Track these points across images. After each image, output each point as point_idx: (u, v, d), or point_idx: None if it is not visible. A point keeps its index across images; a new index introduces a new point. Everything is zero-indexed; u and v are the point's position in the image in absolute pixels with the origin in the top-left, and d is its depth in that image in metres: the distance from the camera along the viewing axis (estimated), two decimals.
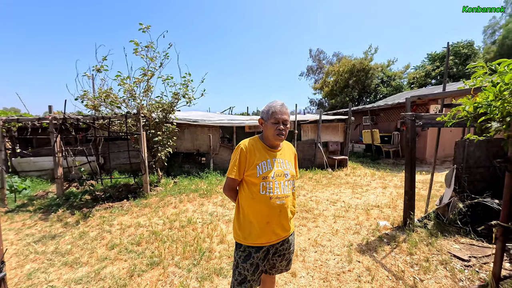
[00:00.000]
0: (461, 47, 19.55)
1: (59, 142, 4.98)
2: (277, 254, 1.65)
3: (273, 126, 1.52)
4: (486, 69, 1.37)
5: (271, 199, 1.49)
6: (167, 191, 5.55)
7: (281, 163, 1.58)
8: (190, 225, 3.79)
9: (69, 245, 3.28)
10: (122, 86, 4.81)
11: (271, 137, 1.55)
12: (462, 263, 2.75)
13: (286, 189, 1.55)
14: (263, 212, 1.50)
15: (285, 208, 1.55)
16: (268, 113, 1.55)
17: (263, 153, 1.56)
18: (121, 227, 3.78)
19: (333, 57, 29.69)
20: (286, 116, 1.54)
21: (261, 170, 1.50)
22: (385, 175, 7.17)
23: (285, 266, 1.73)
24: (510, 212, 1.51)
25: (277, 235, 1.57)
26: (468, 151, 3.58)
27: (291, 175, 1.60)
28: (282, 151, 1.65)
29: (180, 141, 7.27)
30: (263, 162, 1.52)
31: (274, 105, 1.55)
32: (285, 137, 1.58)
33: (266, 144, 1.60)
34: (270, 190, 1.49)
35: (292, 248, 1.72)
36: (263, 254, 1.55)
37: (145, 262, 2.80)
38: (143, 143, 5.00)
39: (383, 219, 3.90)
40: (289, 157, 1.69)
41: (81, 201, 4.97)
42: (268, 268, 1.70)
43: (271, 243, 1.56)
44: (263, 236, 1.52)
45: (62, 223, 4.00)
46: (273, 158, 1.57)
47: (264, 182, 1.49)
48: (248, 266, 1.53)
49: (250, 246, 1.53)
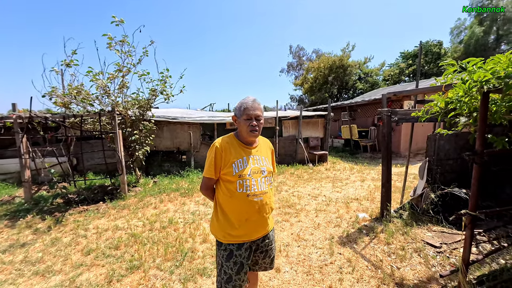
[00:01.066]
0: (432, 46, 20.67)
1: (26, 142, 4.62)
2: (259, 251, 1.66)
3: (246, 122, 1.51)
4: (456, 67, 1.44)
5: (248, 196, 1.49)
6: (146, 191, 5.36)
7: (258, 160, 1.58)
8: (172, 226, 3.70)
9: (40, 252, 3.07)
10: (95, 82, 4.53)
11: (245, 134, 1.54)
12: (435, 249, 2.93)
13: (264, 185, 1.55)
14: (241, 209, 1.50)
15: (264, 205, 1.55)
16: (240, 109, 1.53)
17: (238, 150, 1.55)
18: (98, 231, 3.60)
19: (313, 53, 30.20)
20: (259, 112, 1.53)
21: (237, 168, 1.49)
22: (363, 168, 7.45)
23: (269, 264, 1.73)
24: (477, 201, 1.61)
25: (257, 231, 1.58)
26: (439, 144, 3.79)
27: (268, 172, 1.60)
28: (258, 147, 1.64)
29: (159, 139, 7.04)
30: (239, 160, 1.51)
31: (246, 101, 1.54)
32: (259, 132, 1.57)
33: (241, 141, 1.59)
34: (247, 188, 1.49)
35: (273, 245, 1.73)
36: (246, 252, 1.54)
37: (124, 267, 2.69)
38: (119, 142, 4.77)
39: (362, 212, 4.05)
40: (266, 153, 1.68)
41: (53, 205, 4.67)
42: (251, 264, 1.69)
43: (252, 240, 1.56)
44: (243, 233, 1.52)
45: (32, 230, 3.74)
46: (249, 155, 1.56)
47: (240, 180, 1.48)
48: (231, 265, 1.51)
49: (231, 244, 1.52)
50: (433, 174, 3.71)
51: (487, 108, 1.56)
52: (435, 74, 19.14)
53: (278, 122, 8.00)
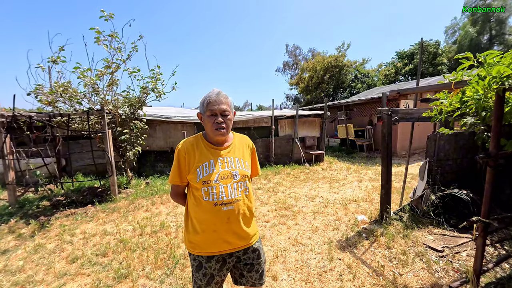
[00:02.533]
0: (428, 46, 20.77)
1: (9, 142, 4.39)
2: (242, 263, 1.46)
3: (210, 119, 1.32)
4: (472, 60, 1.32)
5: (215, 205, 1.31)
6: (138, 193, 5.17)
7: (229, 163, 1.38)
8: (163, 230, 3.53)
9: (21, 261, 2.88)
10: (82, 79, 4.32)
11: (211, 133, 1.36)
12: (437, 254, 2.83)
13: (235, 192, 1.35)
14: (208, 220, 1.33)
15: (235, 214, 1.35)
16: (203, 104, 1.34)
17: (204, 152, 1.37)
18: (85, 236, 3.41)
19: (309, 53, 30.15)
20: (225, 106, 1.33)
21: (202, 173, 1.32)
22: (360, 168, 7.36)
23: (257, 279, 1.50)
24: (491, 207, 1.49)
25: (230, 244, 1.38)
26: (439, 144, 3.70)
27: (242, 175, 1.39)
28: (231, 147, 1.44)
29: (152, 139, 6.84)
30: (204, 164, 1.34)
31: (210, 95, 1.33)
32: (228, 130, 1.38)
33: (209, 142, 1.41)
34: (213, 196, 1.31)
35: (262, 259, 1.51)
36: (218, 264, 1.38)
37: (111, 276, 2.52)
38: (108, 142, 4.57)
39: (360, 213, 3.94)
40: (241, 153, 1.46)
41: (39, 209, 4.45)
42: (238, 275, 1.51)
43: (223, 252, 1.38)
44: (211, 246, 1.35)
45: (15, 235, 3.53)
46: (218, 157, 1.37)
47: (205, 187, 1.31)
48: (201, 276, 1.37)
49: (200, 256, 1.37)
50: (433, 175, 3.62)
51: (503, 107, 1.44)
52: (431, 74, 19.26)
53: (274, 121, 7.86)
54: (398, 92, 2.78)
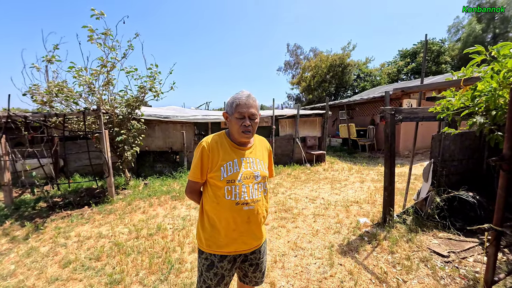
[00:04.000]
0: (431, 44, 20.54)
1: (4, 143, 4.32)
2: (248, 263, 1.46)
3: (238, 121, 1.31)
4: (484, 55, 1.21)
5: (237, 205, 1.30)
6: (135, 194, 5.09)
7: (251, 163, 1.38)
8: (160, 233, 3.44)
9: (13, 265, 2.80)
10: (78, 79, 4.24)
11: (236, 134, 1.35)
12: (442, 259, 2.72)
13: (256, 193, 1.36)
14: (228, 219, 1.32)
15: (255, 215, 1.36)
16: (232, 106, 1.33)
17: (229, 152, 1.36)
18: (79, 239, 3.33)
19: (310, 52, 29.93)
20: (254, 110, 1.32)
21: (226, 172, 1.31)
22: (362, 169, 7.24)
23: (260, 278, 1.54)
24: (504, 214, 1.38)
25: (247, 244, 1.38)
26: (444, 145, 3.58)
27: (262, 177, 1.40)
28: (253, 148, 1.44)
29: (151, 139, 6.76)
30: (228, 163, 1.32)
31: (239, 97, 1.32)
32: (253, 134, 1.38)
33: (233, 141, 1.39)
34: (236, 195, 1.30)
35: (264, 258, 1.53)
36: (229, 265, 1.36)
37: (103, 281, 2.44)
38: (105, 142, 4.49)
39: (362, 216, 3.83)
40: (262, 155, 1.48)
41: (35, 210, 4.38)
42: (241, 275, 1.53)
43: (239, 253, 1.37)
44: (229, 245, 1.34)
45: (9, 238, 3.45)
46: (241, 157, 1.37)
47: (229, 186, 1.30)
48: (211, 276, 1.35)
49: (213, 255, 1.34)
50: (438, 177, 3.50)
51: None
52: (434, 72, 19.03)
53: (274, 121, 7.76)
54: (402, 90, 2.68)
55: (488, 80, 1.27)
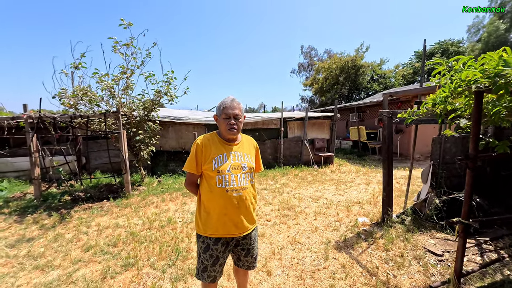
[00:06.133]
0: (449, 45, 19.93)
1: (35, 141, 4.82)
2: (240, 247, 1.70)
3: (225, 121, 1.57)
4: (444, 65, 1.37)
5: (227, 191, 1.53)
6: (150, 190, 5.46)
7: (239, 156, 1.62)
8: (170, 225, 3.74)
9: (42, 248, 3.18)
10: (100, 83, 4.67)
11: (224, 132, 1.61)
12: (436, 258, 2.81)
13: (244, 181, 1.59)
14: (220, 204, 1.54)
15: (243, 200, 1.58)
16: (220, 108, 1.60)
17: (219, 147, 1.61)
18: (99, 228, 3.69)
19: (324, 54, 29.88)
20: (237, 111, 1.58)
21: (217, 163, 1.55)
22: (370, 171, 7.26)
23: (252, 262, 1.77)
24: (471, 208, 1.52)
25: (239, 228, 1.60)
26: (445, 147, 3.64)
27: (249, 168, 1.64)
28: (240, 144, 1.69)
29: (165, 139, 7.16)
30: (219, 156, 1.57)
31: (225, 101, 1.60)
32: (238, 131, 1.62)
33: (222, 139, 1.65)
34: (226, 183, 1.53)
35: (255, 244, 1.76)
36: (222, 247, 1.60)
37: (119, 264, 2.74)
38: (123, 142, 4.88)
39: (363, 216, 3.94)
40: (249, 150, 1.72)
41: (60, 203, 4.84)
42: (236, 259, 1.78)
43: (230, 236, 1.60)
44: (221, 228, 1.57)
45: (38, 226, 3.88)
46: (230, 151, 1.61)
47: (219, 175, 1.53)
48: (207, 257, 1.59)
49: (208, 238, 1.59)
50: (437, 179, 3.56)
51: (480, 109, 1.47)
52: None
53: (283, 123, 7.94)
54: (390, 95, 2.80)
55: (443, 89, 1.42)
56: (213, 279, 1.65)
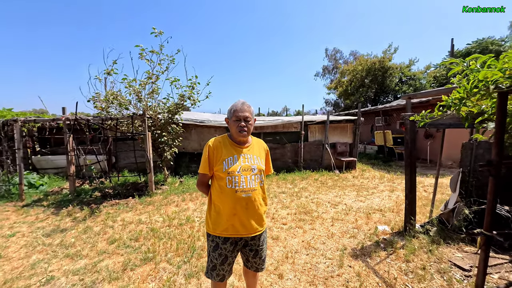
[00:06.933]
0: (489, 43, 18.35)
1: (72, 141, 5.27)
2: (248, 248, 1.72)
3: (235, 123, 1.62)
4: (461, 65, 1.28)
5: (236, 192, 1.57)
6: (171, 190, 5.69)
7: (249, 159, 1.66)
8: (188, 224, 3.87)
9: (73, 238, 3.47)
10: (128, 88, 5.01)
11: (235, 134, 1.65)
12: (463, 273, 2.60)
13: (253, 183, 1.62)
14: (230, 204, 1.58)
15: (252, 201, 1.61)
16: (230, 111, 1.66)
17: (230, 149, 1.65)
18: (123, 223, 3.93)
19: (350, 56, 29.05)
20: (247, 114, 1.63)
21: (227, 165, 1.59)
22: (395, 178, 6.90)
23: (260, 264, 1.78)
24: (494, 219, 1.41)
25: (247, 228, 1.62)
26: (477, 153, 3.37)
27: (259, 170, 1.67)
28: (250, 147, 1.72)
29: (188, 142, 7.43)
30: (229, 158, 1.61)
31: (236, 104, 1.65)
32: (248, 133, 1.66)
33: (233, 141, 1.69)
34: (235, 184, 1.57)
35: (264, 246, 1.77)
36: (231, 247, 1.64)
37: (139, 257, 2.90)
38: (148, 143, 5.17)
39: (383, 224, 3.77)
40: (259, 152, 1.75)
41: (91, 198, 5.24)
42: (245, 260, 1.80)
43: (239, 236, 1.63)
44: (230, 228, 1.61)
45: (71, 218, 4.23)
46: (240, 153, 1.65)
47: (229, 176, 1.57)
48: (216, 256, 1.64)
49: (217, 237, 1.63)
50: (467, 187, 3.30)
51: (505, 111, 1.37)
52: None
53: (303, 126, 7.86)
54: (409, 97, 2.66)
55: (458, 90, 1.33)
56: (222, 278, 1.69)
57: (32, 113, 10.30)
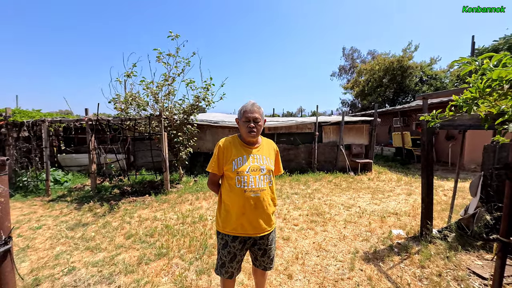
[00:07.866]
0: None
1: (93, 141, 5.55)
2: (257, 247, 1.74)
3: (244, 124, 1.65)
4: (474, 65, 1.24)
5: (245, 192, 1.60)
6: (186, 188, 5.84)
7: (258, 159, 1.68)
8: (201, 222, 3.97)
9: (93, 232, 3.66)
10: (146, 90, 5.21)
11: (244, 134, 1.68)
12: (482, 281, 2.48)
13: (262, 183, 1.65)
14: (239, 203, 1.61)
15: (260, 201, 1.64)
16: (240, 112, 1.69)
17: (239, 149, 1.69)
18: (140, 219, 4.10)
19: (368, 55, 28.40)
20: (257, 115, 1.65)
21: (237, 165, 1.63)
22: (413, 181, 6.66)
23: (268, 263, 1.80)
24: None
25: (256, 228, 1.65)
26: (500, 156, 3.19)
27: (268, 170, 1.69)
28: (260, 147, 1.75)
29: (202, 142, 7.58)
30: (239, 158, 1.65)
31: (246, 105, 1.68)
32: (258, 133, 1.68)
33: (243, 142, 1.73)
34: (244, 184, 1.60)
35: (273, 245, 1.79)
36: (240, 245, 1.67)
37: (154, 253, 3.02)
38: (164, 143, 5.34)
39: (398, 228, 3.67)
40: (268, 153, 1.77)
41: (111, 195, 5.49)
42: (253, 258, 1.83)
43: (248, 235, 1.66)
44: (239, 227, 1.64)
45: (92, 213, 4.46)
46: (249, 154, 1.68)
47: (239, 176, 1.61)
48: (225, 253, 1.68)
49: (226, 235, 1.67)
50: (489, 192, 3.14)
51: None
52: None
53: (317, 127, 7.78)
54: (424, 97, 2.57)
55: (471, 89, 1.28)
56: (231, 275, 1.73)
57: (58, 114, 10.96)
